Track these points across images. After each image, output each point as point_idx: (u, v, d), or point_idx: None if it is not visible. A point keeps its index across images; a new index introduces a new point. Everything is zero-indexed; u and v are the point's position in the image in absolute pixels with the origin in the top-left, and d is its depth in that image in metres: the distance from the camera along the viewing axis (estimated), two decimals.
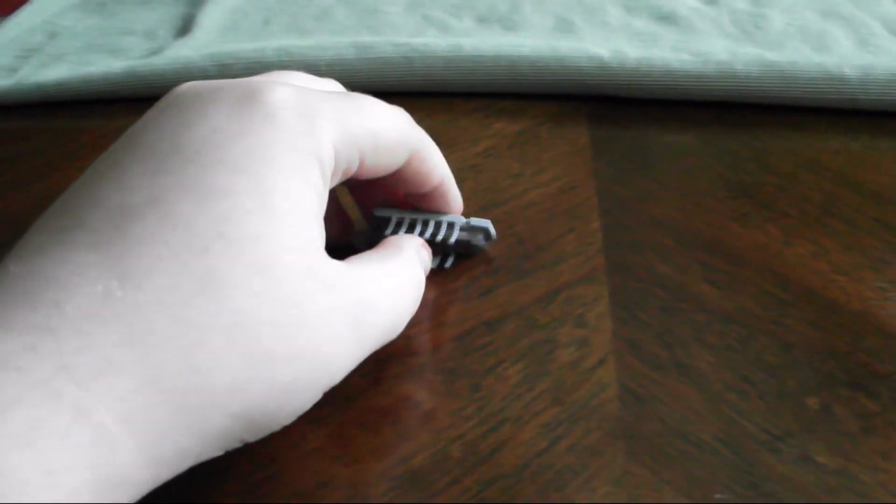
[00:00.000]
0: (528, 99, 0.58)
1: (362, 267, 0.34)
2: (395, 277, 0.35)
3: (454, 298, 0.41)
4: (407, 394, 0.36)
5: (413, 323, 0.39)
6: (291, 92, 0.32)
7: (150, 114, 0.33)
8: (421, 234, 0.41)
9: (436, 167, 0.39)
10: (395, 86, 0.60)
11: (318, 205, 0.32)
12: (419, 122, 0.51)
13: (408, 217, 0.41)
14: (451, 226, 0.41)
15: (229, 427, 0.28)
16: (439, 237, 0.41)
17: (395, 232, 0.40)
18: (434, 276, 0.42)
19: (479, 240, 0.42)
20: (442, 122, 0.56)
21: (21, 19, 0.77)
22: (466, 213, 0.45)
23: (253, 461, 0.34)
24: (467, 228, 0.42)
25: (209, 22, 0.70)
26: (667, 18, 0.63)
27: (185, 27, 0.71)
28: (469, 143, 0.53)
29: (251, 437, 0.29)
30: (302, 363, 0.29)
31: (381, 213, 0.41)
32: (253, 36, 0.68)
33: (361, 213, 0.44)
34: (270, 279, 0.28)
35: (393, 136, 0.36)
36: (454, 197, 0.42)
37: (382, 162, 0.36)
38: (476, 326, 0.39)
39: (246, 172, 0.29)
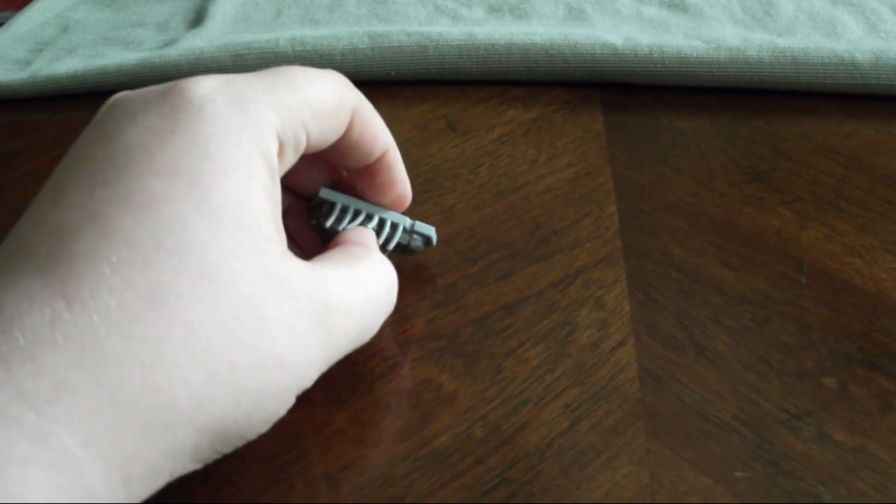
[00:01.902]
0: (542, 86, 0.58)
1: (330, 269, 0.33)
2: (366, 281, 0.34)
3: (473, 283, 0.41)
4: (428, 376, 0.37)
5: (432, 307, 0.40)
6: (217, 81, 0.31)
7: (87, 129, 0.31)
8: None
9: (380, 132, 0.37)
10: (409, 74, 0.60)
11: (267, 200, 0.30)
12: (433, 109, 0.52)
13: (353, 206, 0.39)
14: (394, 227, 0.40)
15: (199, 441, 0.27)
16: (381, 240, 0.39)
17: (337, 219, 0.39)
18: (452, 262, 0.43)
19: (417, 243, 0.41)
20: (457, 109, 0.56)
21: (33, 13, 0.78)
22: (482, 199, 0.46)
23: (276, 444, 0.34)
24: (409, 231, 0.41)
25: (221, 13, 0.71)
26: (677, 6, 0.63)
27: (197, 19, 0.71)
28: (484, 130, 0.54)
29: (226, 449, 0.29)
30: (266, 370, 0.28)
31: (326, 195, 0.39)
32: (265, 27, 0.68)
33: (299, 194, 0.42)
34: (219, 286, 0.27)
35: (331, 99, 0.34)
36: (399, 170, 0.39)
37: (328, 129, 0.34)
38: (495, 310, 0.40)
39: (181, 175, 0.28)
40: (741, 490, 0.31)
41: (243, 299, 0.28)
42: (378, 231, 0.39)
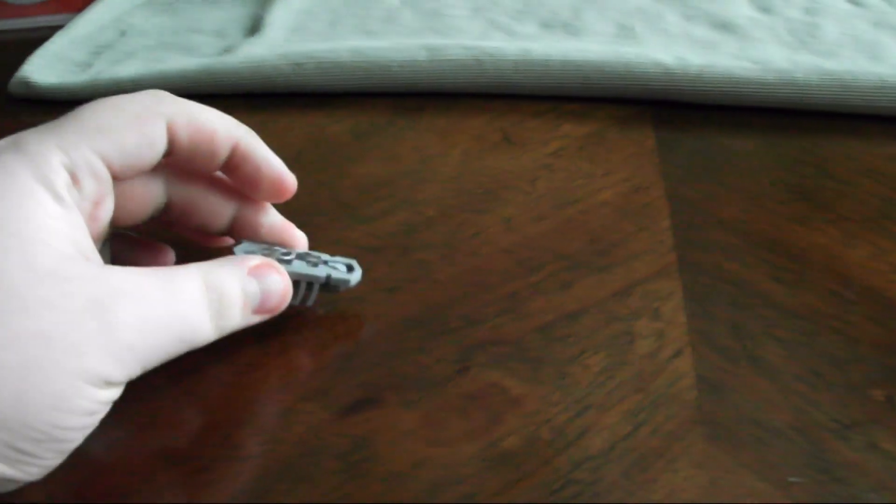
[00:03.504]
0: (594, 102, 0.60)
1: (124, 268, 0.34)
2: (167, 273, 0.35)
3: (535, 291, 0.43)
4: (495, 380, 0.38)
5: (497, 314, 0.41)
6: (3, 140, 0.34)
7: None
8: None
9: (217, 129, 0.39)
10: (466, 87, 0.62)
11: (48, 218, 0.32)
12: (490, 122, 0.54)
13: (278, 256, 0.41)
14: (309, 286, 0.41)
15: None
16: (297, 299, 0.41)
17: None
18: (514, 271, 0.45)
19: (337, 286, 0.42)
20: (512, 122, 0.58)
21: (91, 17, 0.79)
22: (540, 211, 0.48)
23: (350, 442, 0.36)
24: (327, 283, 0.41)
25: (278, 22, 0.72)
26: (724, 26, 0.65)
27: (254, 27, 0.73)
28: (540, 144, 0.56)
29: (21, 442, 0.29)
30: (28, 345, 0.29)
31: (245, 248, 0.42)
32: (321, 36, 0.70)
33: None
34: None
35: (124, 115, 0.36)
36: (261, 155, 0.41)
37: (130, 144, 0.36)
38: (558, 318, 0.41)
39: None
40: (796, 494, 0.33)
41: (2, 286, 0.30)
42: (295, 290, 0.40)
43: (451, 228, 0.48)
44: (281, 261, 0.40)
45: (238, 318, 0.37)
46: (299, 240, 0.43)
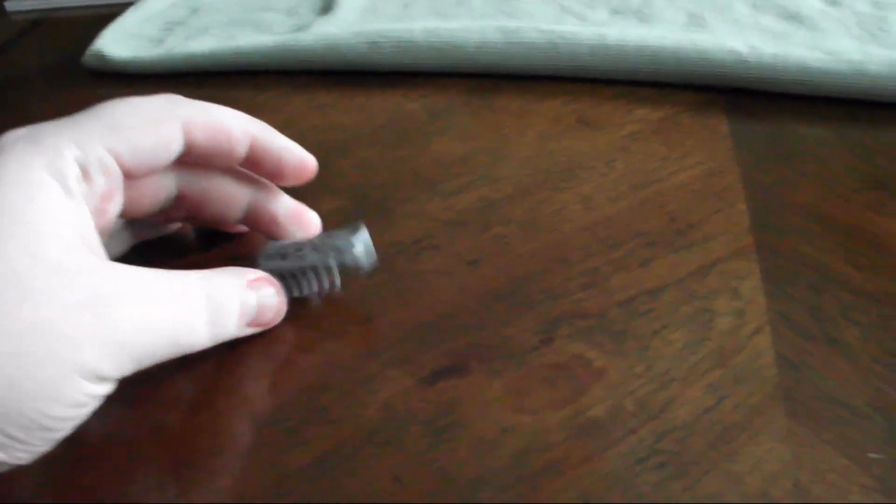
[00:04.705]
0: (667, 87, 0.61)
1: (129, 266, 0.35)
2: (169, 277, 0.36)
3: (615, 268, 0.44)
4: (578, 352, 0.39)
5: (579, 288, 0.42)
6: (24, 129, 0.35)
7: None
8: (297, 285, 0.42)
9: (232, 129, 0.41)
10: (540, 70, 0.63)
11: (57, 208, 0.33)
12: (563, 105, 0.55)
13: (280, 266, 0.42)
14: (328, 271, 0.41)
15: None
16: (325, 286, 0.42)
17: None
18: (594, 248, 0.46)
19: (351, 255, 0.42)
20: (587, 105, 0.59)
21: None
22: (618, 191, 0.49)
23: (435, 408, 0.37)
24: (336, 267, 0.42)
25: (350, 2, 0.73)
26: (793, 17, 0.66)
27: (325, 6, 0.74)
28: (615, 127, 0.57)
29: (10, 428, 0.30)
30: (28, 335, 0.30)
31: (268, 264, 0.42)
32: (393, 18, 0.71)
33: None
34: None
35: (141, 116, 0.38)
36: (279, 148, 0.43)
37: (144, 143, 0.38)
38: (639, 294, 0.42)
39: None
40: (876, 471, 0.33)
41: (6, 274, 0.30)
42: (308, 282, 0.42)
43: (530, 205, 0.49)
44: (295, 256, 0.41)
45: (233, 328, 0.39)
46: (312, 221, 0.45)
